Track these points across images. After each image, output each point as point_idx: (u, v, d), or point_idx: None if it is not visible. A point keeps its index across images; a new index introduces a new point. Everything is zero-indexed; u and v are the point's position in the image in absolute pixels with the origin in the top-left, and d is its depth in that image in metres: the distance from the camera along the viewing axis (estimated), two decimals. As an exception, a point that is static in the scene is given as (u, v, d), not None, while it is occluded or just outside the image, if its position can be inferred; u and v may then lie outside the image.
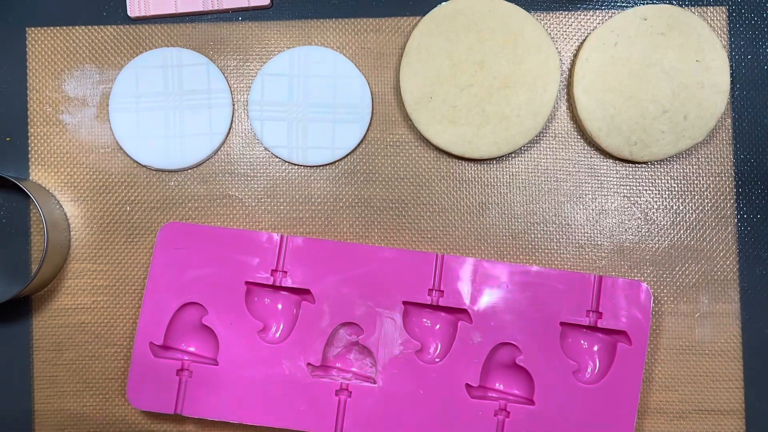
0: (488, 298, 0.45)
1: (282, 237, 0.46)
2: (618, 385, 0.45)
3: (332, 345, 0.46)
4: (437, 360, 0.46)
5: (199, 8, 0.49)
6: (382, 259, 0.46)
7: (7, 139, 0.49)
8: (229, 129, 0.49)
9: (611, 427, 0.45)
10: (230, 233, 0.46)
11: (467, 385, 0.45)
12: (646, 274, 0.48)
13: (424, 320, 0.47)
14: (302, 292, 0.46)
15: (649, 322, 0.45)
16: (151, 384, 0.45)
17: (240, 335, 0.46)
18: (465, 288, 0.45)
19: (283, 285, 0.46)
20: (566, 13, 0.49)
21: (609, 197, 0.48)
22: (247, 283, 0.46)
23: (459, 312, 0.46)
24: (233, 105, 0.49)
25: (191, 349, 0.47)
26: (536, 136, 0.48)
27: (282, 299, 0.47)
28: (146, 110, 0.48)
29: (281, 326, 0.47)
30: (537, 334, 0.45)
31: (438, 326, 0.47)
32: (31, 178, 0.49)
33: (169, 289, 0.46)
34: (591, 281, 0.45)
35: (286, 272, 0.46)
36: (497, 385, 0.46)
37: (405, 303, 0.46)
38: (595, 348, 0.46)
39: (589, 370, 0.46)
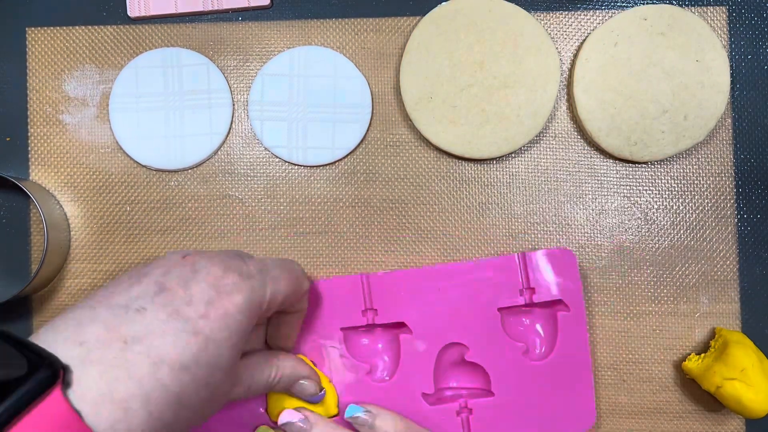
0: (422, 304, 0.45)
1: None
2: (568, 352, 0.45)
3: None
4: (387, 377, 0.46)
5: (199, 8, 0.49)
6: (312, 292, 0.46)
7: (7, 139, 0.49)
8: (229, 129, 0.49)
9: (573, 396, 0.45)
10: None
11: (423, 394, 0.45)
12: (646, 274, 0.48)
13: (363, 341, 0.47)
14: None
15: (579, 284, 0.45)
16: None
17: None
18: (397, 301, 0.45)
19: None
20: (566, 13, 0.49)
21: (609, 197, 0.48)
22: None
23: (398, 326, 0.46)
24: (233, 105, 0.49)
25: None
26: (536, 136, 0.48)
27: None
28: (146, 110, 0.48)
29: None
30: (478, 327, 0.45)
31: (380, 344, 0.47)
32: (31, 178, 0.49)
33: None
34: (516, 261, 0.45)
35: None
36: (453, 384, 0.46)
37: (343, 329, 0.46)
38: (537, 325, 0.47)
39: (537, 346, 0.46)
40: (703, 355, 0.46)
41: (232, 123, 0.49)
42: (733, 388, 0.43)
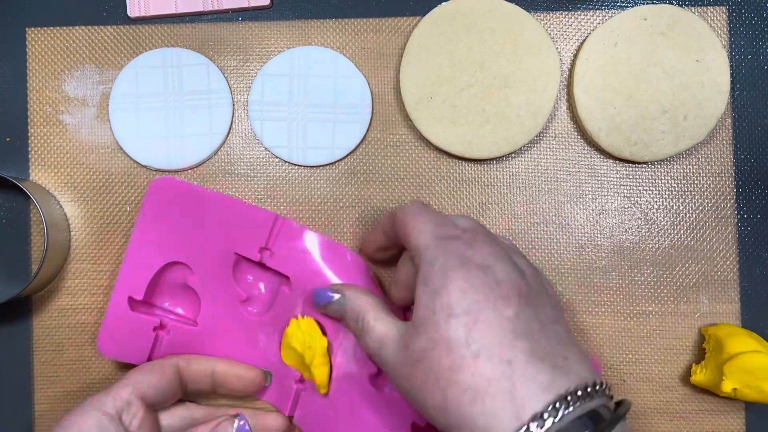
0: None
1: (276, 216, 0.46)
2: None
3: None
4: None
5: (199, 8, 0.49)
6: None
7: (7, 139, 0.49)
8: (229, 129, 0.49)
9: None
10: (228, 201, 0.46)
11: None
12: (646, 274, 0.48)
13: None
14: (284, 277, 0.46)
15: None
16: (125, 337, 0.46)
17: (224, 302, 0.46)
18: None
19: (268, 265, 0.46)
20: (566, 13, 0.49)
21: (609, 197, 0.48)
22: (236, 254, 0.46)
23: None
24: (233, 105, 0.49)
25: (176, 308, 0.48)
26: (536, 136, 0.48)
27: (264, 277, 0.48)
28: (146, 110, 0.48)
29: (262, 289, 0.48)
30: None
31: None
32: (31, 178, 0.49)
33: (156, 245, 0.46)
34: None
35: (272, 251, 0.46)
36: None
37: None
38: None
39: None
40: (703, 363, 0.46)
41: (232, 123, 0.49)
42: (746, 396, 0.43)
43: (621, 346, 0.48)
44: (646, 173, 0.49)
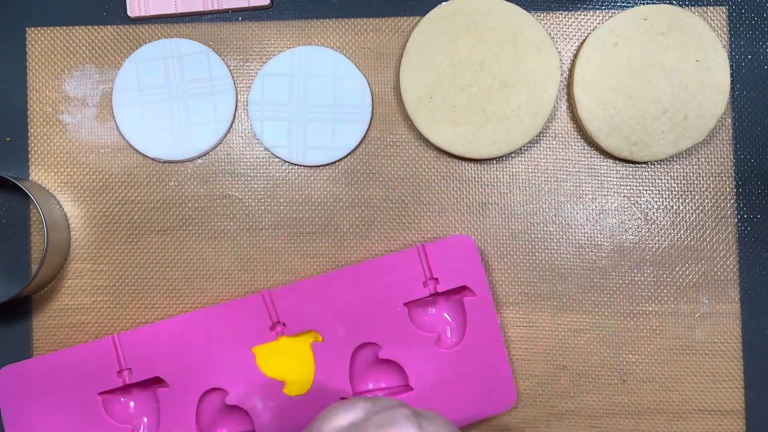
0: (329, 310, 0.45)
1: (113, 338, 0.45)
2: (480, 336, 0.46)
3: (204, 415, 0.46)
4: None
5: (199, 8, 0.49)
6: (214, 320, 0.45)
7: (7, 139, 0.49)
8: (234, 114, 0.49)
9: (490, 377, 0.45)
10: (63, 356, 0.45)
11: (342, 399, 0.45)
12: (646, 274, 0.48)
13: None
14: (155, 381, 0.46)
15: (481, 268, 0.46)
16: None
17: None
18: (303, 312, 0.45)
19: (132, 382, 0.45)
20: (566, 13, 0.49)
21: (609, 197, 0.48)
22: (100, 394, 0.45)
23: (306, 336, 0.46)
24: (236, 90, 0.49)
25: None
26: (536, 136, 0.48)
27: (136, 395, 0.47)
28: (150, 103, 0.48)
29: (145, 420, 0.47)
30: (388, 324, 0.45)
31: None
32: (31, 178, 0.49)
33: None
34: (417, 253, 0.46)
35: (130, 369, 0.45)
36: (370, 385, 0.47)
37: (254, 349, 0.46)
38: (445, 313, 0.47)
39: (448, 333, 0.47)
40: None
41: (236, 108, 0.49)
42: None
43: (621, 346, 0.48)
44: (646, 173, 0.49)
